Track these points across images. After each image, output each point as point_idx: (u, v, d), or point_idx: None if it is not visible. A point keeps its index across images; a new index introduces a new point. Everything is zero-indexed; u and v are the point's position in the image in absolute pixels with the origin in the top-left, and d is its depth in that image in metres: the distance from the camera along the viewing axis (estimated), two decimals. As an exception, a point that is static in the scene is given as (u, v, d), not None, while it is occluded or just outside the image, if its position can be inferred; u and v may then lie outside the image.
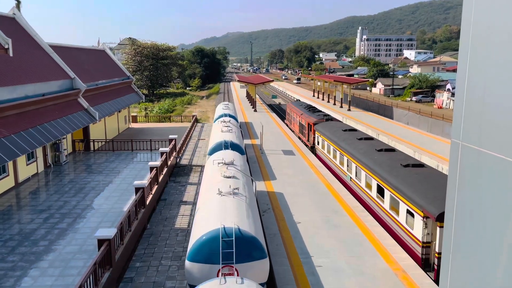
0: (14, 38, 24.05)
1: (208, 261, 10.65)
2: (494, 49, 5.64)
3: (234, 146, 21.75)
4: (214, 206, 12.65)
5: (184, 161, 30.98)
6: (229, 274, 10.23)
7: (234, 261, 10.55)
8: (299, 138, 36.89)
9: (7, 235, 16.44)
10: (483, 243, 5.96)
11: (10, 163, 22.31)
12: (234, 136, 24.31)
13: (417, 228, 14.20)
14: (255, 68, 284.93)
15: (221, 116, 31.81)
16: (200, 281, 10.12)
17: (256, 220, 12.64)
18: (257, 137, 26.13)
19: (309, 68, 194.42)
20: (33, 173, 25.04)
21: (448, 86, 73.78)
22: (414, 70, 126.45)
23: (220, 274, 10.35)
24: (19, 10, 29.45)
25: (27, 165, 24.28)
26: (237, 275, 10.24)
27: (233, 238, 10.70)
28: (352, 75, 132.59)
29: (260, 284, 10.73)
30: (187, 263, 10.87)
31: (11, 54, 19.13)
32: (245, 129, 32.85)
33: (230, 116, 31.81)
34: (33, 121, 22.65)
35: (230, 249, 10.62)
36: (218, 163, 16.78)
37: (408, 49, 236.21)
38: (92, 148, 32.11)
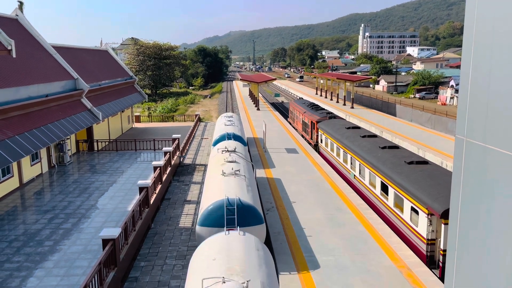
0: (17, 39, 24.12)
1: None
2: (498, 43, 5.59)
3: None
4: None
5: (188, 160, 31.01)
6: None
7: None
8: (302, 136, 36.84)
9: (12, 235, 16.51)
10: (488, 240, 5.92)
11: (15, 164, 22.40)
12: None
13: (422, 225, 14.15)
14: (257, 66, 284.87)
15: (221, 138, 23.16)
16: None
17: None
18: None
19: (312, 66, 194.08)
20: (38, 173, 25.13)
21: (452, 82, 73.44)
22: (417, 67, 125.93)
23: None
24: (21, 11, 29.53)
25: (31, 165, 24.37)
26: None
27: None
28: (355, 72, 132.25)
29: None
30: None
31: (14, 55, 19.19)
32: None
33: (235, 137, 23.38)
34: (37, 122, 22.72)
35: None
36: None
37: (411, 46, 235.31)
38: (95, 148, 32.19)
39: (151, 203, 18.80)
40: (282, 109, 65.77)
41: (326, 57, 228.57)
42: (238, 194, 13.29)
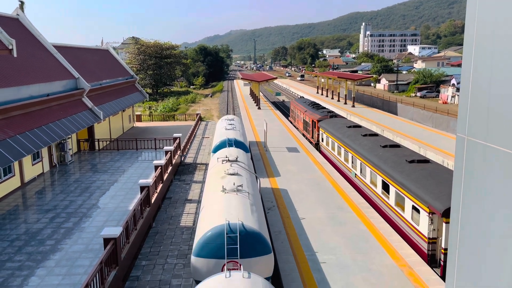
0: (18, 38, 24.13)
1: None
2: (500, 42, 5.58)
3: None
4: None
5: (189, 159, 31.03)
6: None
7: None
8: (303, 135, 36.83)
9: (14, 234, 16.54)
10: (489, 238, 5.92)
11: (16, 163, 22.43)
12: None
13: (423, 224, 14.15)
14: (258, 65, 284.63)
15: (222, 145, 21.58)
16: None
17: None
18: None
19: (313, 65, 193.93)
20: (39, 173, 25.17)
21: (453, 81, 73.33)
22: (419, 65, 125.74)
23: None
24: (22, 11, 29.55)
25: (32, 165, 24.40)
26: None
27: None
28: (356, 71, 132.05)
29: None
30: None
31: (15, 55, 19.20)
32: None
33: (237, 143, 21.67)
34: (38, 121, 22.75)
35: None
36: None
37: (412, 44, 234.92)
38: (97, 148, 32.22)
39: (152, 202, 18.82)
40: (283, 108, 65.74)
41: (327, 56, 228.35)
42: (241, 217, 11.52)
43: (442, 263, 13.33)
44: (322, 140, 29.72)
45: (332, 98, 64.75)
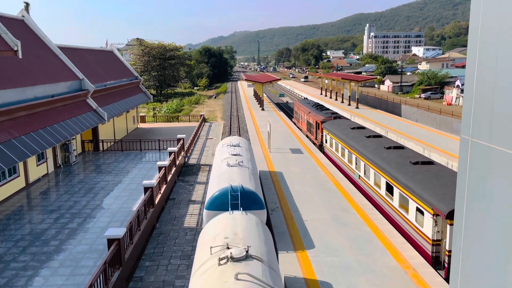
0: (23, 40, 24.28)
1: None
2: (504, 43, 5.56)
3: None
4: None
5: (193, 160, 31.08)
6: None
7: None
8: (307, 136, 36.79)
9: (18, 235, 16.62)
10: (493, 240, 5.89)
11: (21, 164, 22.54)
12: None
13: (427, 226, 14.09)
14: (262, 67, 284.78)
15: (220, 200, 14.00)
16: None
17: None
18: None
19: (317, 66, 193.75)
20: (44, 173, 25.28)
21: (458, 82, 73.04)
22: (423, 66, 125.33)
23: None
24: (27, 12, 29.73)
25: (37, 165, 24.52)
26: None
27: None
28: (360, 72, 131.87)
29: None
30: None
31: (20, 56, 19.33)
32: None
33: (246, 197, 14.17)
34: (43, 122, 22.86)
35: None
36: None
37: (416, 45, 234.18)
38: (101, 149, 32.33)
39: (156, 203, 18.86)
40: (287, 109, 65.71)
41: (331, 57, 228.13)
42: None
43: (446, 265, 13.27)
44: (326, 142, 29.68)
45: (336, 100, 64.66)
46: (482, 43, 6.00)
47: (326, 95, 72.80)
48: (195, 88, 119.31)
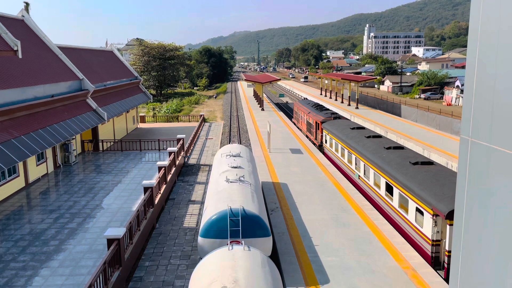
0: (23, 40, 24.29)
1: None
2: (504, 43, 5.56)
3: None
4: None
5: (192, 160, 31.08)
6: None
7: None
8: (307, 136, 36.80)
9: (18, 235, 16.62)
10: (493, 240, 5.89)
11: (21, 164, 22.54)
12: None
13: (427, 226, 14.10)
14: (262, 67, 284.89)
15: (218, 223, 12.28)
16: None
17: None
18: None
19: (316, 67, 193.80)
20: (43, 173, 25.27)
21: (457, 83, 73.09)
22: (423, 67, 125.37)
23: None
24: (27, 12, 29.73)
25: (37, 165, 24.51)
26: None
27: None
28: (359, 72, 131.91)
29: None
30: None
31: (20, 56, 19.32)
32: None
33: (248, 222, 12.32)
34: (43, 122, 22.86)
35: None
36: None
37: (416, 46, 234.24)
38: (101, 149, 32.33)
39: (156, 203, 18.86)
40: (287, 110, 65.73)
41: (330, 58, 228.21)
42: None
43: (446, 265, 13.28)
44: (326, 142, 29.69)
45: (336, 100, 64.68)
46: (482, 43, 6.01)
47: (326, 95, 72.81)
48: (195, 88, 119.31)
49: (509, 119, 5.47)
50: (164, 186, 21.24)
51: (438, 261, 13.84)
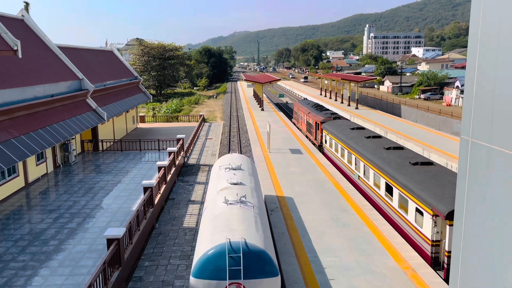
0: (23, 39, 24.27)
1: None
2: (504, 44, 5.57)
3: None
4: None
5: (192, 160, 31.08)
6: None
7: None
8: (307, 136, 36.80)
9: (17, 234, 16.61)
10: (493, 241, 5.89)
11: (20, 164, 22.53)
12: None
13: (427, 227, 14.10)
14: (262, 67, 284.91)
15: (214, 263, 10.44)
16: None
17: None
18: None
19: (316, 67, 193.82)
20: (43, 173, 25.26)
21: (457, 83, 73.13)
22: (422, 67, 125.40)
23: None
24: (27, 12, 29.72)
25: (37, 165, 24.50)
26: None
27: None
28: (359, 73, 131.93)
29: None
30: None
31: (20, 56, 19.30)
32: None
33: (250, 266, 10.33)
34: (42, 122, 22.85)
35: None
36: None
37: (416, 46, 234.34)
38: (100, 148, 32.32)
39: (156, 203, 18.85)
40: (287, 110, 65.73)
41: (330, 58, 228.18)
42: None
43: (445, 265, 13.28)
44: (325, 142, 29.70)
45: (336, 100, 64.69)
46: (482, 44, 6.01)
47: (325, 96, 72.82)
48: (194, 88, 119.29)
49: (509, 119, 5.48)
50: (164, 186, 21.24)
51: (437, 261, 13.85)
